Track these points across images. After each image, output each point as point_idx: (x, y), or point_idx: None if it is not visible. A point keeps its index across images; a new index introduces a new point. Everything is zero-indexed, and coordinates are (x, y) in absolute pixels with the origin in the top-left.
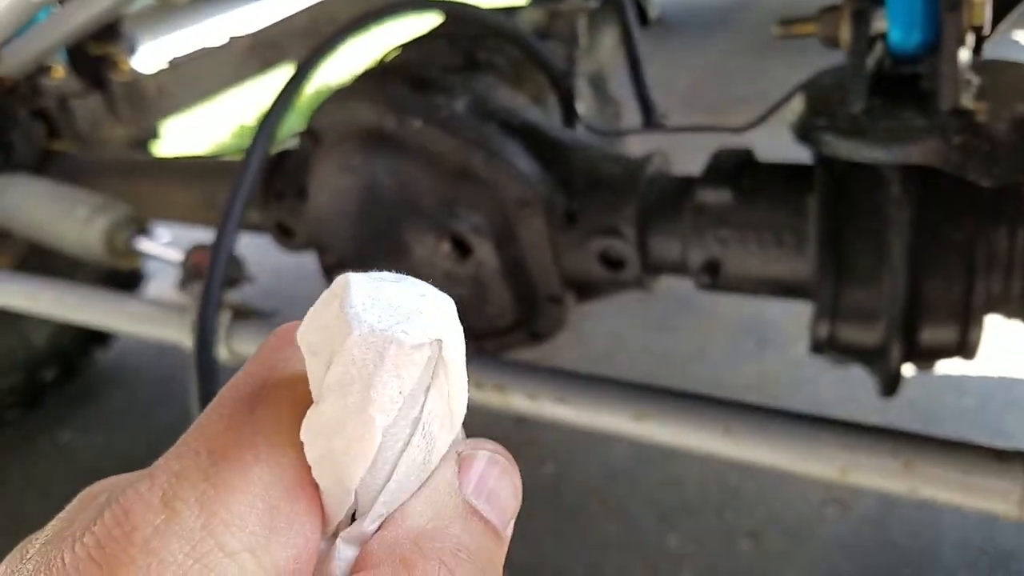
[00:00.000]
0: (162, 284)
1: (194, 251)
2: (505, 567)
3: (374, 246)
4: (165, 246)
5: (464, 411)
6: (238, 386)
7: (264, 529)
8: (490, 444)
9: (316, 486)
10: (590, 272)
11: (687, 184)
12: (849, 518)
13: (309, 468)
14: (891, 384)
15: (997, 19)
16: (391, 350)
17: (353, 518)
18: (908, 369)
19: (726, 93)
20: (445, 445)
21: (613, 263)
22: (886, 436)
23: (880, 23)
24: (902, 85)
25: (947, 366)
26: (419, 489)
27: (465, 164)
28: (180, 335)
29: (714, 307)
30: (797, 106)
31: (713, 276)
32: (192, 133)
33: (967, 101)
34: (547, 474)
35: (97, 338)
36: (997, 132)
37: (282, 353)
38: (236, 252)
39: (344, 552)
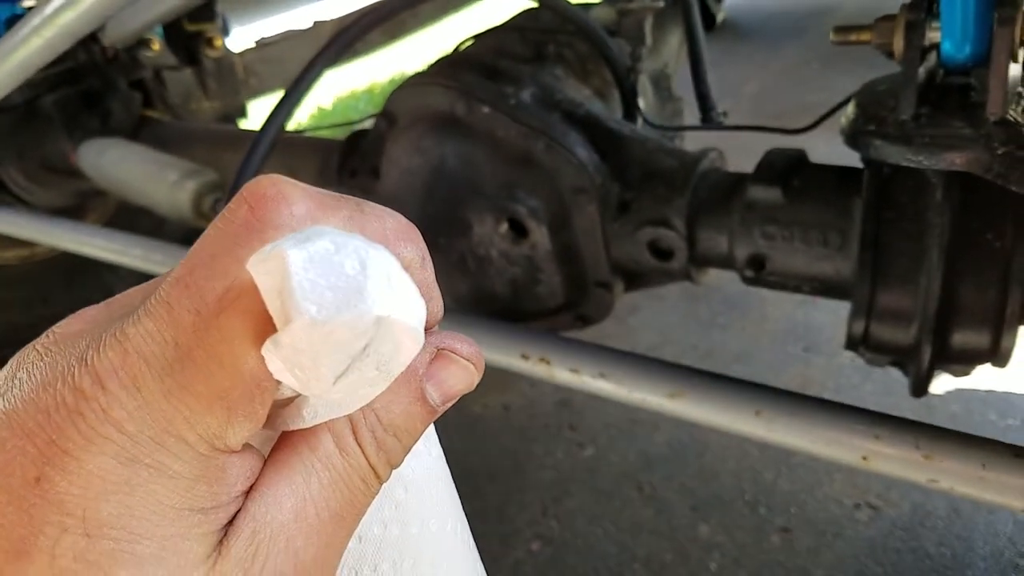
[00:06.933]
0: None
1: None
2: (536, 537)
3: (437, 223)
4: None
5: (421, 327)
6: (207, 277)
7: (221, 425)
8: (466, 350)
9: (269, 388)
10: (639, 260)
11: (739, 180)
12: (881, 523)
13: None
14: (921, 385)
15: None
16: (335, 335)
17: None
18: (946, 379)
19: (792, 100)
20: (401, 361)
21: (662, 253)
22: (909, 427)
23: (934, 34)
24: (952, 95)
25: (993, 384)
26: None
27: (527, 150)
28: None
29: (763, 310)
30: (850, 111)
31: (758, 271)
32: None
33: (1014, 114)
34: (586, 457)
35: None
36: None
37: (249, 239)
38: None
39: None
